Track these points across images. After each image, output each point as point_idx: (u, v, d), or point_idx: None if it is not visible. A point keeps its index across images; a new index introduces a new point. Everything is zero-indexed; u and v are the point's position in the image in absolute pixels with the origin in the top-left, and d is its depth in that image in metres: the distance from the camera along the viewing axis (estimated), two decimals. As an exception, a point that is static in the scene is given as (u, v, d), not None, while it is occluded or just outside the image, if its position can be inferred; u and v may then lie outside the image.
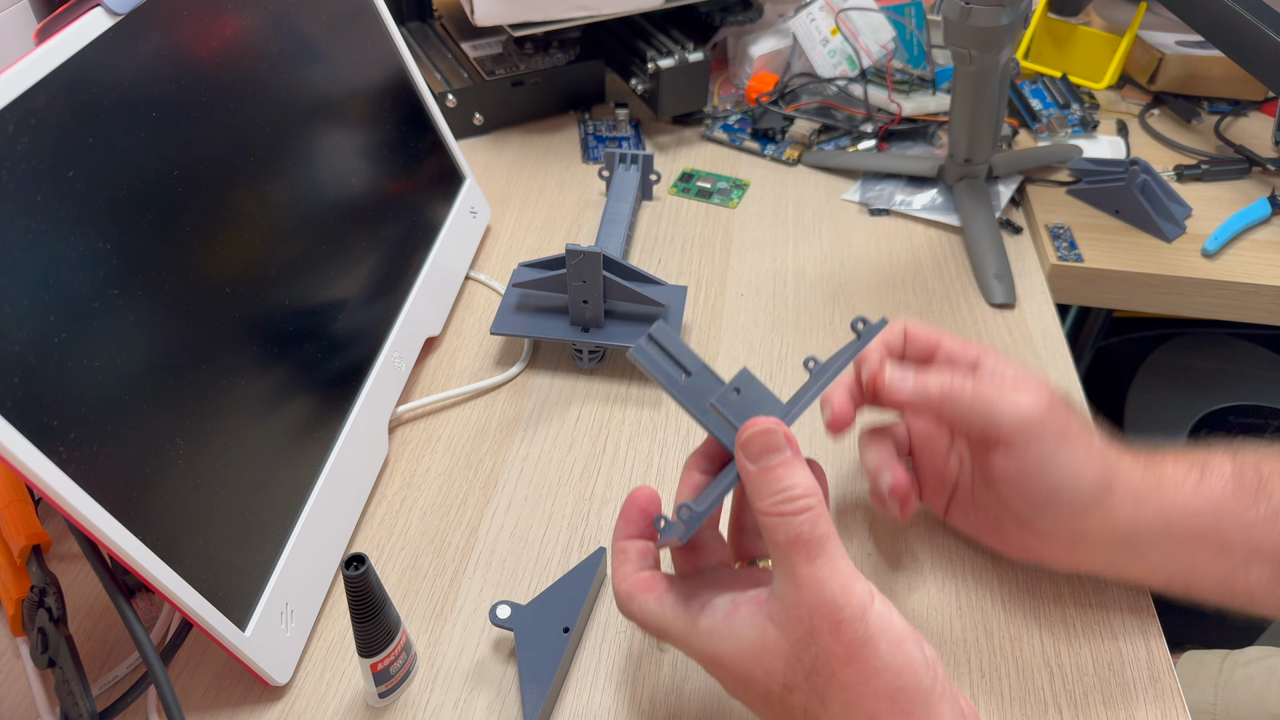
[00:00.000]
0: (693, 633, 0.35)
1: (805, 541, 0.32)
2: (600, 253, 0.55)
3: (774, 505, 0.33)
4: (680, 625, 0.36)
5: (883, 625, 0.32)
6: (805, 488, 0.33)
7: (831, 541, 0.33)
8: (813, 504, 0.33)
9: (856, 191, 0.77)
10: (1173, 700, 0.43)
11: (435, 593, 0.48)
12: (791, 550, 0.32)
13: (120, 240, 0.39)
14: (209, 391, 0.42)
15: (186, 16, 0.45)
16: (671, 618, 0.36)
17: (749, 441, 0.34)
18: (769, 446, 0.34)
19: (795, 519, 0.33)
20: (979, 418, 0.41)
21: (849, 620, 0.32)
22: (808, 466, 0.34)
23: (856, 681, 0.32)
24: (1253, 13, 0.70)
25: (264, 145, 0.49)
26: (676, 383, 0.37)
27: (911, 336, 0.46)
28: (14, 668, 0.44)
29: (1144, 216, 0.72)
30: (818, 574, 0.32)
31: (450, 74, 0.83)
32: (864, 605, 0.32)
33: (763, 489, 0.34)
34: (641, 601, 0.37)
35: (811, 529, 0.32)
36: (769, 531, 0.33)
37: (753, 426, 0.34)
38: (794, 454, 0.34)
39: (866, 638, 0.32)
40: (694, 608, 0.36)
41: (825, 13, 0.84)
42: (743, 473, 0.35)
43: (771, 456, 0.34)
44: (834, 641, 0.32)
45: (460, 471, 0.54)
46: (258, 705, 0.43)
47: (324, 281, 0.51)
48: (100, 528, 0.35)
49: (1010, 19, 0.63)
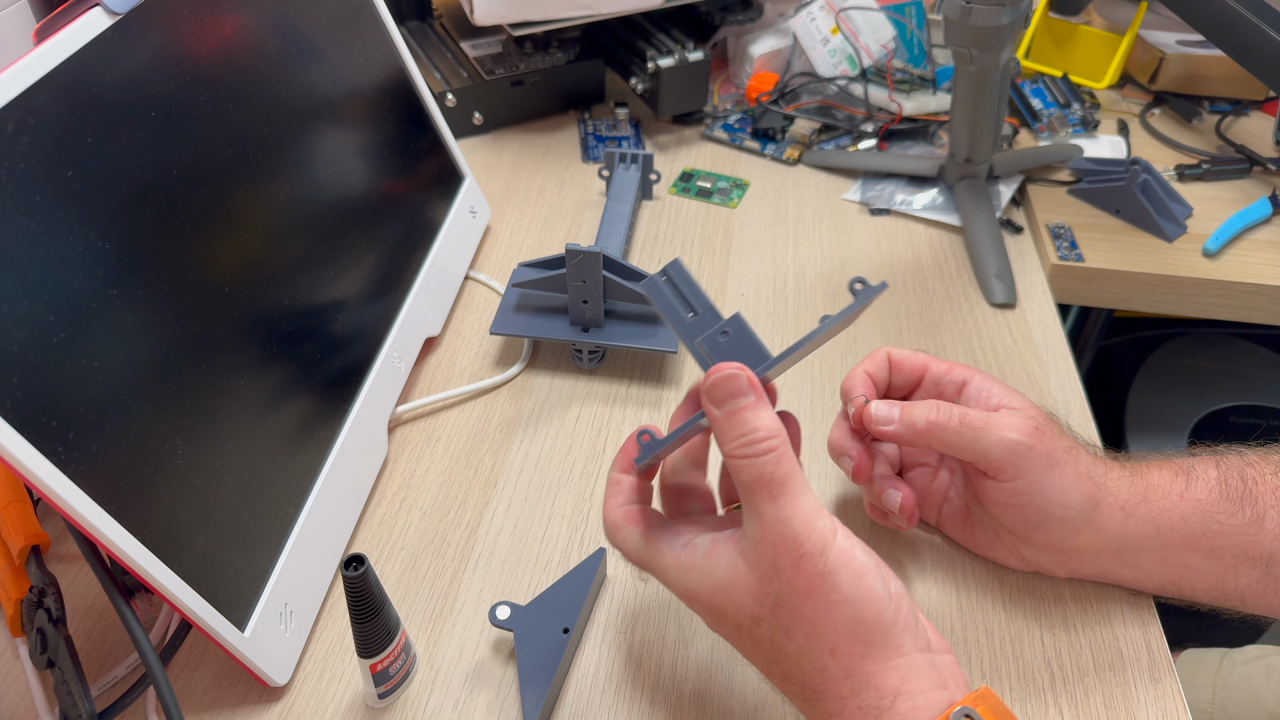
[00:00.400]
0: (673, 566, 0.37)
1: (768, 481, 0.33)
2: (600, 253, 0.55)
3: (738, 448, 0.34)
4: (661, 559, 0.37)
5: (844, 560, 0.33)
6: (768, 429, 0.34)
7: (794, 480, 0.34)
8: (775, 445, 0.34)
9: (857, 191, 0.77)
10: (1173, 700, 0.43)
11: (435, 593, 0.48)
12: (756, 489, 0.34)
13: (119, 240, 0.39)
14: (208, 392, 0.42)
15: (186, 16, 0.45)
16: (652, 551, 0.38)
17: (713, 387, 0.35)
18: (732, 391, 0.35)
19: (758, 460, 0.33)
20: (966, 449, 0.42)
21: (809, 555, 0.33)
22: (772, 409, 0.35)
23: (817, 614, 0.33)
24: (1254, 12, 0.70)
25: (263, 145, 0.49)
26: (681, 318, 0.38)
27: (896, 363, 0.47)
28: (13, 668, 0.44)
29: (1145, 216, 0.72)
30: (780, 512, 0.33)
31: (450, 73, 0.82)
32: (825, 541, 0.33)
33: (727, 432, 0.34)
34: (626, 533, 0.38)
35: (774, 469, 0.33)
36: (735, 472, 0.34)
37: (717, 372, 0.35)
38: (757, 398, 0.35)
39: (826, 571, 0.33)
40: (676, 544, 0.37)
41: (825, 12, 0.84)
42: (709, 417, 0.35)
43: (734, 401, 0.34)
44: (795, 576, 0.33)
45: (460, 472, 0.54)
46: (257, 706, 0.43)
47: (323, 281, 0.51)
48: (99, 528, 0.35)
49: (1011, 18, 0.63)
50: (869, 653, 0.33)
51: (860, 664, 0.33)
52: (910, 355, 0.47)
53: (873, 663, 0.33)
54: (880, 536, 0.50)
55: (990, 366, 0.61)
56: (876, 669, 0.32)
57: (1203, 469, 0.43)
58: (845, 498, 0.53)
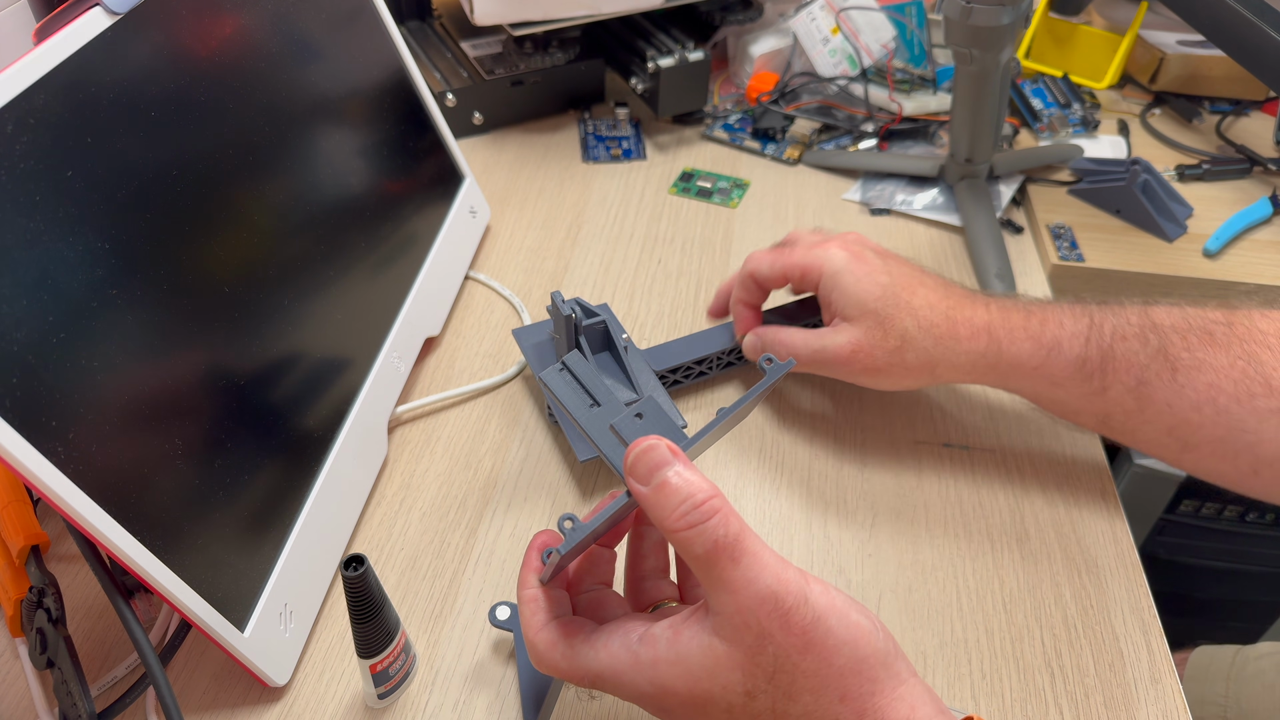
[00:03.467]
0: (635, 666, 0.33)
1: (725, 545, 0.31)
2: (570, 316, 0.51)
3: (680, 518, 0.31)
4: (616, 663, 0.34)
5: (826, 603, 0.32)
6: (706, 490, 0.32)
7: (748, 537, 0.32)
8: (718, 505, 0.31)
9: (857, 191, 0.77)
10: (1174, 700, 0.43)
11: (435, 593, 0.48)
12: (715, 558, 0.31)
13: (119, 240, 0.39)
14: (208, 391, 0.42)
15: (185, 16, 0.45)
16: (603, 659, 0.34)
17: (635, 463, 0.32)
18: (655, 463, 0.32)
19: (707, 525, 0.31)
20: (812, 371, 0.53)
21: (794, 609, 0.31)
22: (700, 472, 0.33)
23: (820, 666, 0.31)
24: (1254, 12, 0.70)
25: (263, 145, 0.49)
26: (582, 410, 0.35)
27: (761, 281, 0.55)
28: (13, 668, 0.44)
29: (1145, 216, 0.72)
30: (747, 574, 0.31)
31: (450, 73, 0.82)
32: (802, 590, 0.31)
33: (663, 506, 0.32)
34: (564, 647, 0.35)
35: (726, 530, 0.31)
36: (685, 547, 0.32)
37: (635, 448, 0.33)
38: (683, 464, 0.32)
39: (816, 619, 0.31)
40: (630, 641, 0.34)
41: (826, 12, 0.84)
42: (638, 497, 0.32)
43: (661, 472, 0.32)
44: (786, 635, 0.31)
45: (460, 472, 0.54)
46: (257, 706, 0.43)
47: (323, 280, 0.51)
48: (99, 528, 0.35)
49: (1011, 18, 0.63)
50: (876, 689, 0.32)
51: (871, 701, 0.32)
52: (769, 273, 0.54)
53: (881, 697, 0.32)
54: (882, 537, 0.50)
55: (990, 366, 0.61)
56: (886, 703, 0.32)
57: (1070, 346, 0.48)
58: (848, 499, 0.53)
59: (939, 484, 0.53)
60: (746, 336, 0.56)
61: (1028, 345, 0.48)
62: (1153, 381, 0.46)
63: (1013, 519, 0.52)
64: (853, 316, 0.50)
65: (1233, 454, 0.45)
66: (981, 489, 0.53)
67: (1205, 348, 0.45)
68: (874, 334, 0.50)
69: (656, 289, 0.67)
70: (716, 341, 0.58)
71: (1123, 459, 0.85)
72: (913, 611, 0.47)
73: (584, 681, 0.35)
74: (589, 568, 0.40)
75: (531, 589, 0.36)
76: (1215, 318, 0.46)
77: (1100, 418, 0.49)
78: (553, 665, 0.35)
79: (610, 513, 0.34)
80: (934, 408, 0.58)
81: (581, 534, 0.33)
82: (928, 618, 0.47)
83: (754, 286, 0.55)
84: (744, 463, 0.55)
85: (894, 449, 0.55)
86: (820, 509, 0.52)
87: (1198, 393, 0.45)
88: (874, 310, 0.50)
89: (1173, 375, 0.45)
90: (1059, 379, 0.48)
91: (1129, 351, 0.47)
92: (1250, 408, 0.44)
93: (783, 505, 0.52)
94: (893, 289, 0.50)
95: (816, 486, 0.53)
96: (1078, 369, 0.48)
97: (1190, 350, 0.45)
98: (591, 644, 0.34)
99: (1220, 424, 0.45)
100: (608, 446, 0.34)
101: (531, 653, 0.36)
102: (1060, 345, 0.48)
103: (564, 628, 0.35)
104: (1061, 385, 0.48)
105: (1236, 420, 0.44)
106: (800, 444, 0.56)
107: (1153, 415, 0.46)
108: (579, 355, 0.36)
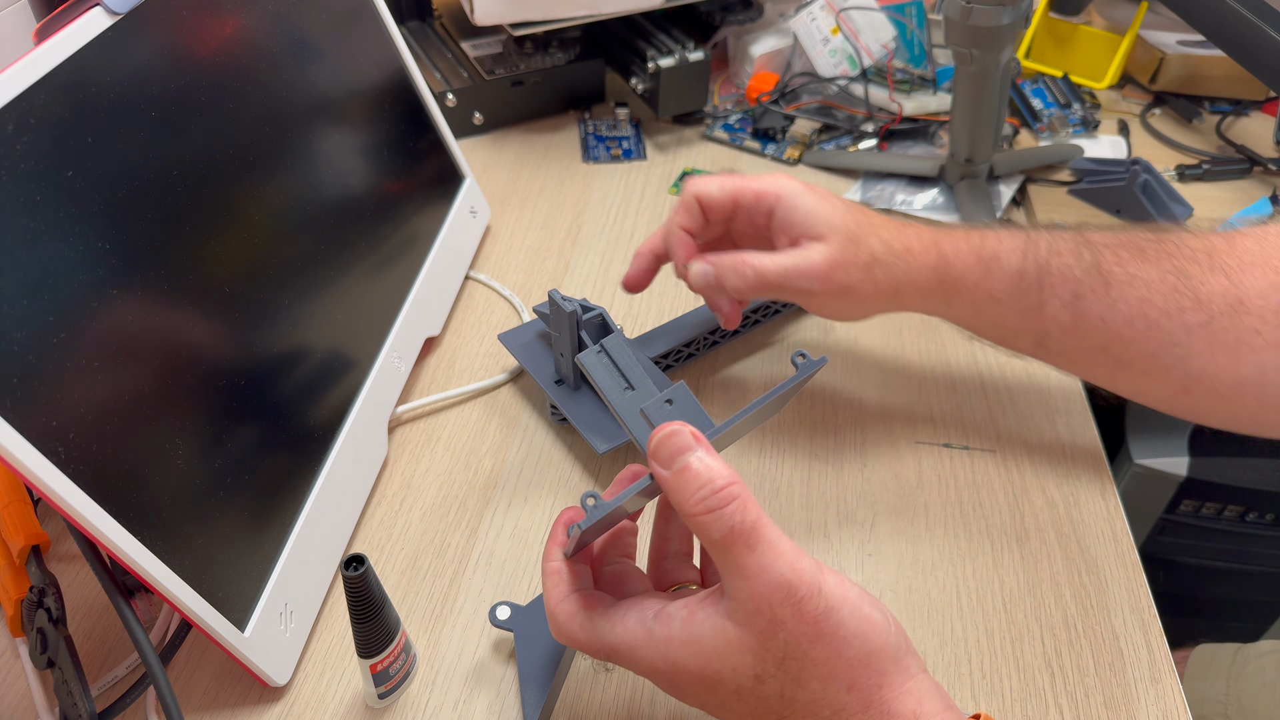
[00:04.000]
0: (649, 643, 0.34)
1: (742, 531, 0.32)
2: (573, 313, 0.50)
3: (699, 503, 0.32)
4: (632, 637, 0.34)
5: (839, 594, 0.32)
6: (725, 477, 0.32)
7: (765, 524, 0.32)
8: (737, 491, 0.32)
9: (857, 191, 0.77)
10: (1174, 700, 0.43)
11: (435, 593, 0.48)
12: (731, 543, 0.32)
13: (119, 240, 0.39)
14: (208, 391, 0.42)
15: (186, 16, 0.45)
16: (619, 632, 0.35)
17: (658, 447, 0.33)
18: (678, 448, 0.33)
19: (725, 511, 0.32)
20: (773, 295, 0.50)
21: (807, 598, 0.31)
22: (722, 459, 0.33)
23: (829, 655, 0.32)
24: (1254, 12, 0.70)
25: (263, 145, 0.49)
26: (616, 392, 0.36)
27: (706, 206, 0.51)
28: (13, 668, 0.44)
29: (1145, 216, 0.72)
30: (762, 561, 0.32)
31: (450, 73, 0.82)
32: (816, 580, 0.32)
33: (683, 490, 0.32)
34: (582, 619, 0.36)
35: (743, 517, 0.32)
36: (703, 532, 0.32)
37: (660, 431, 0.33)
38: (706, 451, 0.33)
39: (829, 610, 0.32)
40: (646, 618, 0.35)
41: (826, 12, 0.84)
42: (659, 480, 0.33)
43: (683, 456, 0.33)
44: (799, 623, 0.32)
45: (460, 472, 0.54)
46: (257, 706, 0.43)
47: (323, 280, 0.51)
48: (99, 528, 0.35)
49: (1011, 18, 0.63)
50: (884, 681, 0.32)
51: (878, 694, 0.32)
52: (718, 195, 0.50)
53: (889, 690, 0.32)
54: (882, 537, 0.50)
55: (990, 366, 0.61)
56: (893, 696, 0.32)
57: (1008, 259, 0.48)
58: (848, 497, 0.53)
59: (939, 484, 0.53)
60: (694, 264, 0.50)
61: (970, 259, 0.49)
62: (1087, 296, 0.46)
63: (1013, 519, 0.52)
64: (823, 234, 0.48)
65: (1163, 369, 0.45)
66: (981, 489, 0.53)
67: (1137, 262, 0.46)
68: (848, 250, 0.48)
69: (657, 289, 0.67)
70: (699, 322, 0.59)
71: (1123, 459, 0.85)
72: (913, 611, 0.47)
73: (600, 654, 0.36)
74: (613, 542, 0.41)
75: (555, 561, 0.37)
76: (1146, 235, 0.47)
77: (1038, 337, 0.48)
78: (571, 636, 0.36)
79: (633, 492, 0.34)
80: (934, 408, 0.58)
81: (603, 511, 0.34)
82: (928, 617, 0.47)
83: (698, 212, 0.51)
84: (744, 462, 0.55)
85: (894, 449, 0.55)
86: (820, 509, 0.52)
87: (1130, 306, 0.45)
88: (844, 228, 0.48)
89: (1106, 289, 0.46)
90: (998, 294, 0.48)
91: (1064, 266, 0.47)
92: (1180, 322, 0.44)
93: (783, 505, 0.52)
94: (852, 211, 0.49)
95: (816, 486, 0.53)
96: (1015, 283, 0.47)
97: (1122, 265, 0.46)
98: (609, 618, 0.35)
99: (1151, 338, 0.45)
100: (637, 429, 0.36)
101: (552, 623, 0.37)
102: (999, 258, 0.48)
103: (584, 600, 0.36)
104: (1001, 301, 0.48)
105: (1167, 334, 0.45)
106: (800, 444, 0.56)
107: (1088, 330, 0.46)
108: (617, 339, 0.37)
